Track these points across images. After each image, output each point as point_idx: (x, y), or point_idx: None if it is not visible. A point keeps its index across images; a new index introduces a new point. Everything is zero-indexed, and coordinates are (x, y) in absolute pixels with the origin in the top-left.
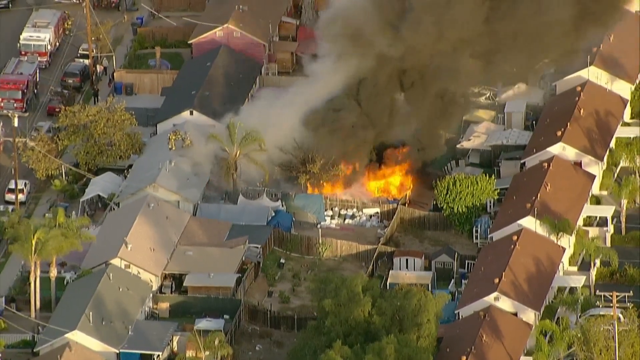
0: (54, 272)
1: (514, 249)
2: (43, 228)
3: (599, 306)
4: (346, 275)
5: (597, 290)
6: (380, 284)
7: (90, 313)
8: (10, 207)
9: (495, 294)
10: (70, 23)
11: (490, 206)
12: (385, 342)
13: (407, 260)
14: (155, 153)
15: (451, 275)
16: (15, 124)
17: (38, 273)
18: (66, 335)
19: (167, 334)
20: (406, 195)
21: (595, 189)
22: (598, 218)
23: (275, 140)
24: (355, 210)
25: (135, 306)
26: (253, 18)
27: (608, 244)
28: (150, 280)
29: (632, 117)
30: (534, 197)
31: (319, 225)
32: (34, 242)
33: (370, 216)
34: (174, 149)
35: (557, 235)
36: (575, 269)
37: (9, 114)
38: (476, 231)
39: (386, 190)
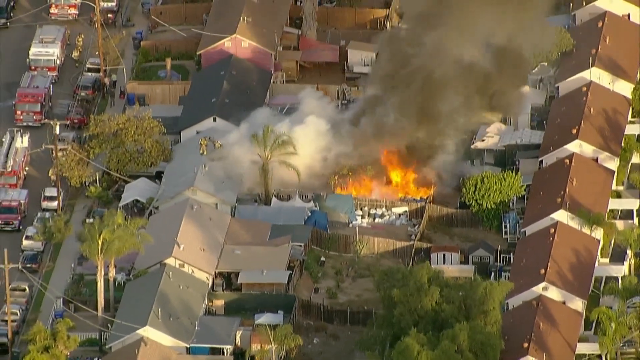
0: (113, 273)
1: (554, 241)
2: (108, 228)
3: None
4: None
5: None
6: None
7: (159, 310)
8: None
9: (543, 283)
10: (80, 40)
11: (513, 203)
12: (458, 329)
13: (444, 255)
14: (184, 159)
15: (489, 268)
16: (57, 132)
17: (102, 273)
18: (137, 331)
19: (232, 329)
20: (431, 193)
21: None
22: (620, 211)
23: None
24: (384, 209)
25: (197, 303)
26: (258, 28)
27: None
28: (207, 278)
29: (633, 116)
30: (562, 192)
31: (351, 225)
32: (100, 242)
33: (399, 215)
34: (205, 154)
35: (591, 227)
36: (606, 260)
37: (52, 122)
38: (505, 226)
39: (405, 188)
